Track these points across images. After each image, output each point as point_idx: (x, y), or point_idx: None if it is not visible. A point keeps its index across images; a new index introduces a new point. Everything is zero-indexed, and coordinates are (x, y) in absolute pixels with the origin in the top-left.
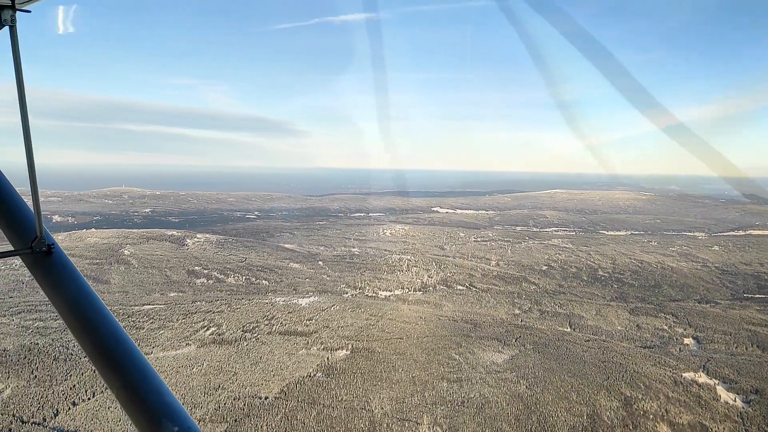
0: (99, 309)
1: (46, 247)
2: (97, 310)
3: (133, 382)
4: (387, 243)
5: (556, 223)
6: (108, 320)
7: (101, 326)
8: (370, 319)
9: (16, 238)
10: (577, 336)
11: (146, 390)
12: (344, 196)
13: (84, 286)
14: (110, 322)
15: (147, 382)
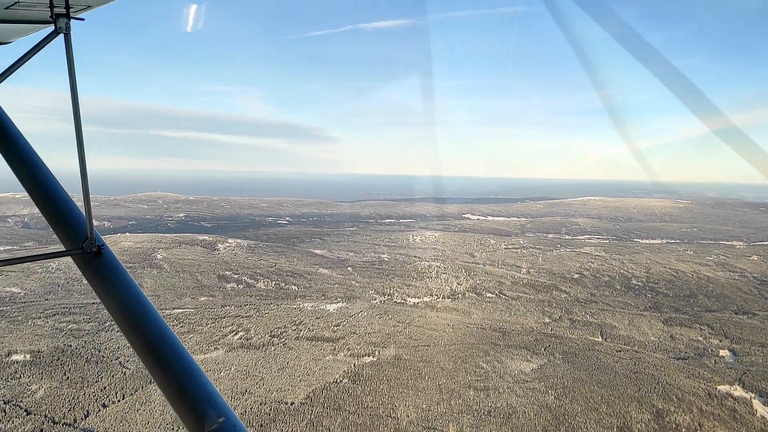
0: (146, 308)
1: (96, 248)
2: (145, 309)
3: (179, 378)
4: (417, 249)
5: (589, 231)
6: (155, 319)
7: (149, 324)
8: (397, 325)
9: (68, 239)
10: (609, 346)
11: (191, 385)
12: (375, 202)
13: (132, 286)
14: (157, 321)
15: (192, 378)
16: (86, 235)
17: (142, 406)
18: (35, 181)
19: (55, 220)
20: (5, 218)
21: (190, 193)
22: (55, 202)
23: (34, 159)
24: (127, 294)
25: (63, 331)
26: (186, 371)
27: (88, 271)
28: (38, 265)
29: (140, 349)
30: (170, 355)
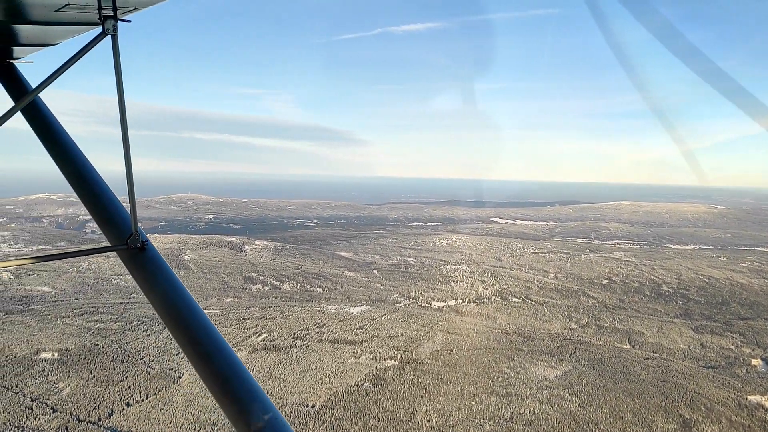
0: (189, 303)
1: (141, 244)
2: (188, 304)
3: (222, 372)
4: (443, 253)
5: (619, 236)
6: (198, 314)
7: (192, 319)
8: (420, 329)
9: (113, 236)
10: (636, 353)
11: (235, 379)
12: (402, 205)
13: (175, 281)
14: (200, 316)
15: (235, 372)
16: (131, 232)
17: (165, 405)
18: (82, 180)
19: (101, 218)
20: (40, 218)
21: (219, 195)
22: (101, 200)
23: (82, 159)
24: (170, 289)
25: (91, 330)
26: (230, 367)
27: (132, 266)
28: (69, 264)
29: (184, 343)
30: (214, 350)
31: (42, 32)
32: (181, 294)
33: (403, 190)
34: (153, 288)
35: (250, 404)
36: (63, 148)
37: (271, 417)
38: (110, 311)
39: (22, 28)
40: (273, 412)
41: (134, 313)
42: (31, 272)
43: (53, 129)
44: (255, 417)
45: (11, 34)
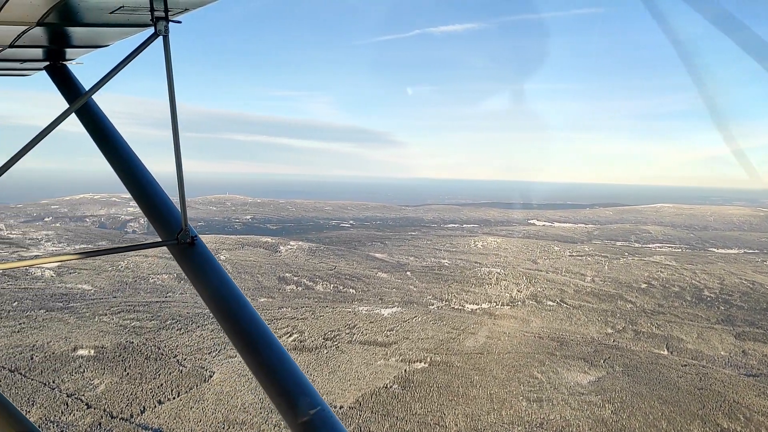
0: (238, 296)
1: (190, 239)
2: (237, 298)
3: (271, 365)
4: (478, 255)
5: (660, 239)
6: (246, 307)
7: (241, 313)
8: (451, 332)
9: (164, 231)
10: (674, 360)
11: (285, 375)
12: (439, 207)
13: (223, 275)
14: (249, 309)
15: (284, 365)
16: (181, 227)
17: (196, 404)
18: (134, 179)
19: (153, 214)
20: (83, 218)
21: (258, 196)
22: (152, 198)
23: (134, 159)
24: (219, 283)
25: (126, 328)
26: (279, 360)
27: (182, 261)
28: (109, 263)
29: (233, 337)
30: (263, 343)
31: (95, 34)
32: (230, 288)
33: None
34: (202, 282)
35: (298, 397)
36: (116, 148)
37: (319, 410)
38: (146, 310)
39: (76, 30)
40: (321, 406)
41: (169, 312)
42: (72, 270)
43: (106, 129)
44: (303, 409)
45: (65, 36)
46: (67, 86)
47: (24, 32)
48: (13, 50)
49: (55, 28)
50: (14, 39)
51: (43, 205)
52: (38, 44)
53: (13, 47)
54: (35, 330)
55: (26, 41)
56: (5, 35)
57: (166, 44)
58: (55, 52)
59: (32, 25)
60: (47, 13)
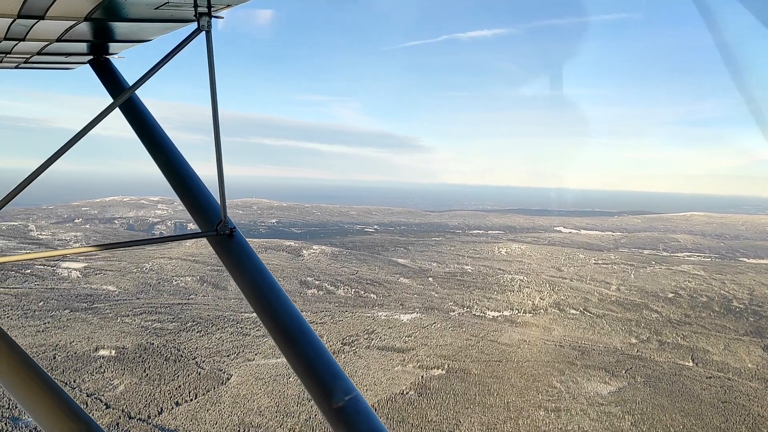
0: (275, 288)
1: (229, 231)
2: (274, 290)
3: (307, 356)
4: (501, 262)
5: (689, 248)
6: (283, 298)
7: (278, 303)
8: (470, 339)
9: (204, 222)
10: (698, 372)
11: (319, 363)
12: (464, 213)
13: (261, 267)
14: (285, 300)
15: (320, 356)
16: (220, 219)
17: (212, 406)
18: (176, 172)
19: (193, 206)
20: (112, 220)
21: (284, 200)
22: (193, 190)
23: (175, 152)
24: (257, 274)
25: (148, 329)
26: (314, 349)
27: (221, 252)
28: (133, 265)
29: (270, 326)
30: (299, 333)
31: (138, 29)
32: (268, 279)
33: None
34: (241, 273)
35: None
36: (158, 141)
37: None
38: (168, 311)
39: (121, 25)
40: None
41: (190, 314)
42: (98, 272)
43: (149, 123)
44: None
45: (110, 31)
46: (110, 80)
47: (71, 27)
48: (60, 44)
49: (100, 23)
50: (62, 33)
51: (73, 207)
52: (84, 38)
53: (60, 41)
54: (59, 330)
55: (73, 36)
56: (54, 29)
57: (208, 40)
58: (99, 46)
59: (80, 19)
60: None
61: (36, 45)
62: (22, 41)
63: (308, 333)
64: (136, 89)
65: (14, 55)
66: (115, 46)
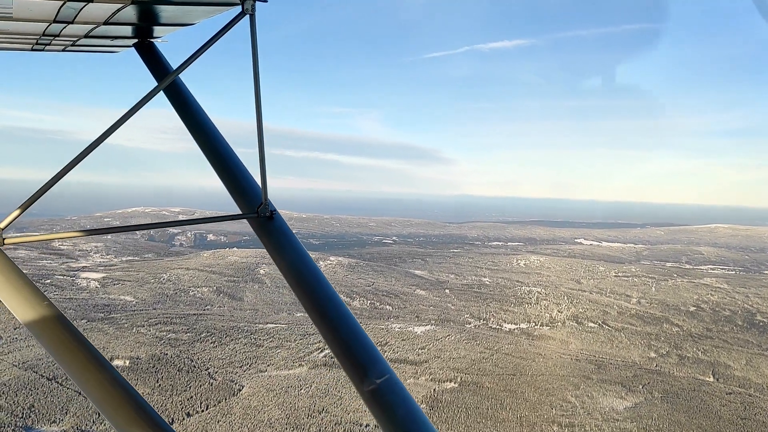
0: (314, 271)
1: (269, 213)
2: (313, 272)
3: (344, 337)
4: (520, 274)
5: (712, 261)
6: (322, 281)
7: (316, 286)
8: (484, 352)
9: (245, 205)
10: (719, 387)
11: (355, 342)
12: (484, 224)
13: (301, 249)
14: (324, 283)
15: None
16: (261, 202)
17: (223, 417)
18: (218, 154)
19: (235, 188)
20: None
21: (303, 211)
22: (234, 173)
23: (217, 136)
24: (296, 256)
25: (162, 339)
26: (351, 331)
27: (261, 233)
28: (151, 276)
29: (309, 307)
30: (336, 314)
31: (183, 12)
32: (307, 261)
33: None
34: (280, 254)
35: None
36: (201, 125)
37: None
38: (183, 322)
39: (166, 9)
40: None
41: (205, 325)
42: (116, 282)
43: (192, 107)
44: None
45: (154, 14)
46: (155, 64)
47: (118, 10)
48: (106, 27)
49: (146, 6)
50: (109, 16)
51: (96, 218)
52: (129, 22)
53: (107, 24)
54: None
55: (119, 19)
56: (102, 13)
57: (252, 23)
58: (144, 29)
59: (127, 2)
60: None
61: (83, 28)
62: (71, 24)
63: (345, 314)
64: (180, 72)
65: (62, 38)
66: (159, 29)
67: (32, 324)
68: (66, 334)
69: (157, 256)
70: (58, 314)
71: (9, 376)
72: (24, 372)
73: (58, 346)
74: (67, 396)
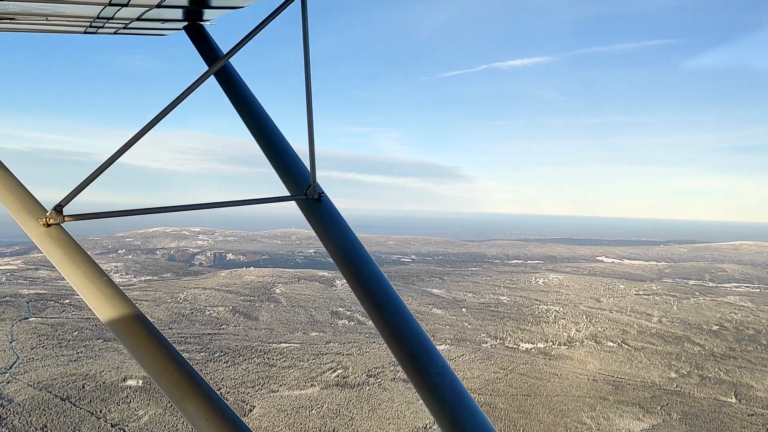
0: (362, 252)
1: (317, 195)
2: (360, 254)
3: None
4: (538, 292)
5: (737, 278)
6: (370, 263)
7: (365, 268)
8: (498, 372)
9: (294, 187)
10: (740, 408)
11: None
12: (504, 242)
13: (349, 232)
14: (372, 266)
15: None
16: (309, 184)
17: None
18: (268, 138)
19: (283, 171)
20: (154, 250)
21: None
22: (283, 156)
23: (267, 120)
24: (344, 238)
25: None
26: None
27: (309, 215)
28: (168, 295)
29: (357, 290)
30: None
31: None
32: (355, 243)
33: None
34: (328, 236)
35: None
36: (251, 108)
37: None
38: (197, 342)
39: None
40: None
41: (219, 344)
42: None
43: (242, 91)
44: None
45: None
46: (205, 47)
47: None
48: (158, 10)
49: None
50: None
51: (118, 238)
52: (180, 5)
53: (159, 7)
54: (90, 359)
55: (171, 1)
56: None
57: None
58: (194, 12)
59: None
60: None
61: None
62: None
63: (393, 297)
64: (231, 56)
65: (115, 21)
66: (209, 12)
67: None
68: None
69: (176, 275)
70: (116, 289)
71: (23, 396)
72: (38, 392)
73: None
74: (80, 416)
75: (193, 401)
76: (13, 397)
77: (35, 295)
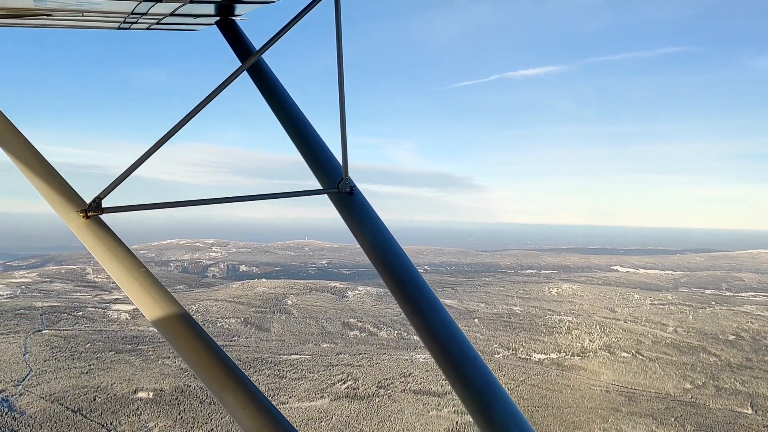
0: (394, 246)
1: (349, 189)
2: (393, 248)
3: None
4: (552, 303)
5: (754, 287)
6: (402, 257)
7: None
8: (510, 383)
9: (326, 180)
10: (756, 420)
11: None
12: (518, 252)
13: (381, 225)
14: (404, 259)
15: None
16: (341, 177)
17: None
18: (300, 132)
19: (316, 164)
20: (168, 263)
21: (335, 241)
22: (316, 150)
23: (299, 114)
24: (376, 232)
25: (186, 371)
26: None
27: (341, 208)
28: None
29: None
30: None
31: None
32: (387, 237)
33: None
34: (360, 230)
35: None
36: (284, 104)
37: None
38: None
39: None
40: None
41: (230, 356)
42: None
43: (275, 86)
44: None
45: None
46: (237, 42)
47: None
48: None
49: None
50: None
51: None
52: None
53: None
54: (102, 372)
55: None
56: None
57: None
58: (226, 7)
59: None
60: None
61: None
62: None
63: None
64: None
65: (149, 17)
66: (241, 7)
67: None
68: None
69: (189, 287)
70: (154, 280)
71: (35, 408)
72: (50, 404)
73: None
74: (91, 429)
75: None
76: (26, 410)
77: (49, 307)
